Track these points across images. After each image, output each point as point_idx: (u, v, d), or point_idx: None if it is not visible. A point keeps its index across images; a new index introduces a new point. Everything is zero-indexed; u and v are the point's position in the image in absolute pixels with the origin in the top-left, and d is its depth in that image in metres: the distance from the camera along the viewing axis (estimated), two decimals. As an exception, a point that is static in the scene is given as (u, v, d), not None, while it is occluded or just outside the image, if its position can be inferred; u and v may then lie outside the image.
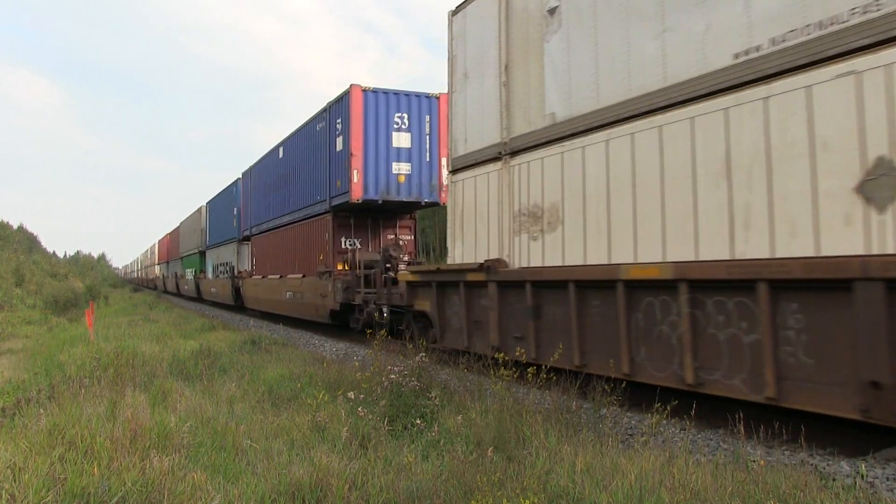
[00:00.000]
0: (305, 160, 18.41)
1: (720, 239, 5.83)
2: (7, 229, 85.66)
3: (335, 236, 16.18)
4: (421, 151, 15.46)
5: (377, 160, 14.95)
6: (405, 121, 15.28)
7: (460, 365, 7.89)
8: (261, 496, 4.11)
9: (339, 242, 16.28)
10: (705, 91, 6.02)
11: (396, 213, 16.93)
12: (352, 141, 14.73)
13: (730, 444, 5.73)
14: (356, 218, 16.52)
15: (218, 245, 30.92)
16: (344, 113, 15.35)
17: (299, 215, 18.82)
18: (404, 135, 15.30)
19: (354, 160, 14.70)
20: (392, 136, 15.18)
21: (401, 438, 5.66)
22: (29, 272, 39.38)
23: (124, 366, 8.65)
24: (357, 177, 14.67)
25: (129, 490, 4.05)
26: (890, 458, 5.16)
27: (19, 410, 6.33)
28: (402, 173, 15.22)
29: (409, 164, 15.33)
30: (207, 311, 28.10)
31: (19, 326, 19.97)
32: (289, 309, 19.39)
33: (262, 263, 23.03)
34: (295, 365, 9.65)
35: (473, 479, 4.18)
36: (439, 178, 15.42)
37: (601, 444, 5.08)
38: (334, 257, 15.97)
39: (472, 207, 9.58)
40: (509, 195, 8.71)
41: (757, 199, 5.50)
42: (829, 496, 3.94)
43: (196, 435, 5.50)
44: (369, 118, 14.92)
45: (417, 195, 15.51)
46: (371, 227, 16.82)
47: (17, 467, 4.38)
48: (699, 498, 3.90)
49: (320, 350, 13.13)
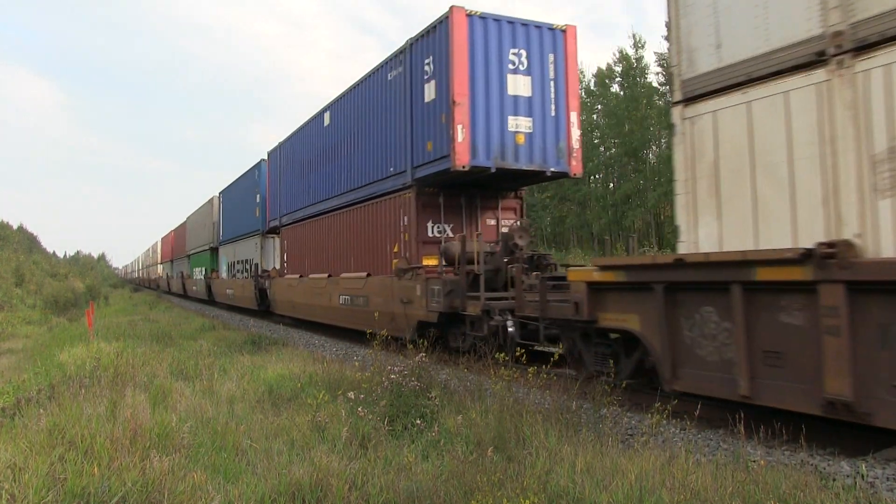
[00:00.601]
0: (368, 123, 14.14)
1: None
2: (7, 229, 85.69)
3: (419, 220, 12.12)
4: (544, 102, 11.50)
5: (488, 112, 11.01)
6: (523, 60, 11.32)
7: (460, 365, 7.88)
8: (261, 496, 4.11)
9: (425, 229, 12.22)
10: None
11: (499, 189, 12.94)
12: (454, 85, 10.69)
13: (730, 444, 5.73)
14: (447, 196, 12.38)
15: (235, 240, 26.98)
16: (439, 48, 11.23)
17: (358, 196, 14.68)
18: (523, 79, 11.31)
19: (459, 111, 10.67)
20: (507, 81, 11.20)
21: (401, 438, 5.65)
22: (29, 272, 39.40)
23: (124, 366, 8.66)
24: (462, 134, 10.64)
25: (129, 490, 4.05)
26: (890, 458, 5.16)
27: (19, 410, 6.34)
28: (520, 131, 11.21)
29: (530, 120, 11.34)
30: (217, 314, 28.02)
31: (19, 326, 19.99)
32: (344, 318, 14.98)
33: (298, 260, 19.15)
34: (295, 365, 9.65)
35: (473, 479, 4.18)
36: (568, 140, 11.64)
37: (601, 444, 5.08)
38: (419, 249, 12.02)
39: (745, 155, 5.93)
40: (856, 126, 5.14)
41: None
42: (829, 496, 3.94)
43: (196, 435, 5.50)
44: (477, 54, 10.96)
45: (541, 162, 11.43)
46: (466, 208, 12.70)
47: (17, 467, 4.39)
48: (699, 498, 3.90)
49: (320, 350, 13.13)
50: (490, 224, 12.80)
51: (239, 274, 25.85)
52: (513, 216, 13.04)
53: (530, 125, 11.33)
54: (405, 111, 12.33)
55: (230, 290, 26.80)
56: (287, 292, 19.37)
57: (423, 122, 11.71)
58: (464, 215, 12.61)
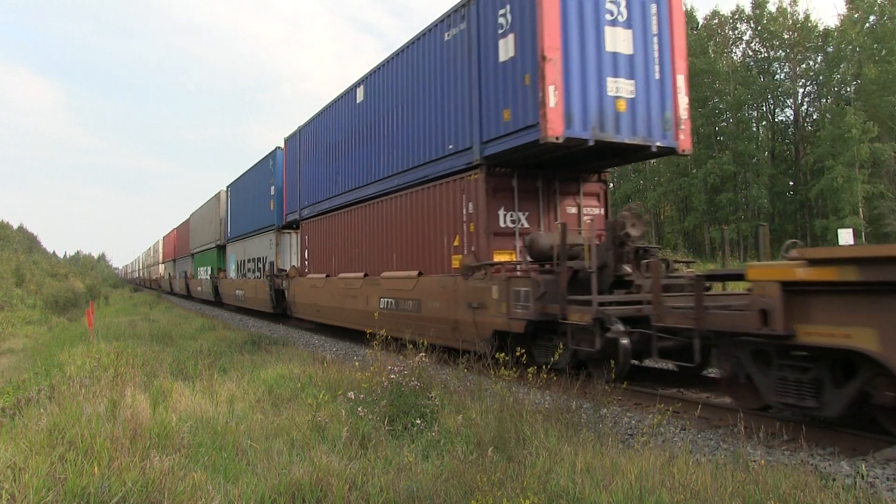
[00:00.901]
0: (417, 94, 12.06)
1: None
2: (7, 229, 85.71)
3: (490, 207, 10.08)
4: (647, 62, 9.44)
5: (584, 72, 8.94)
6: (622, 9, 9.29)
7: (460, 365, 7.87)
8: (261, 496, 4.11)
9: (496, 218, 10.16)
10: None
11: (580, 171, 10.88)
12: (544, 36, 8.70)
13: (730, 444, 5.73)
14: (521, 178, 10.38)
15: (245, 236, 24.93)
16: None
17: (404, 181, 12.49)
18: (623, 33, 9.28)
19: (550, 68, 8.57)
20: (605, 34, 9.15)
21: (401, 438, 5.65)
22: (29, 272, 39.38)
23: (124, 366, 8.65)
24: (555, 97, 8.58)
25: (129, 490, 4.05)
26: (890, 458, 5.16)
27: (19, 410, 6.33)
28: (621, 96, 9.17)
29: (632, 83, 9.28)
30: (217, 314, 27.99)
31: (19, 326, 19.99)
32: (386, 324, 11.23)
33: (323, 257, 17.14)
34: (295, 365, 9.65)
35: (473, 479, 4.18)
36: (675, 108, 9.57)
37: (601, 444, 5.08)
38: (489, 242, 10.01)
39: None
40: None
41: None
42: (829, 496, 3.94)
43: (196, 435, 5.50)
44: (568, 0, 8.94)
45: (646, 135, 9.30)
46: (544, 193, 10.63)
47: (17, 467, 4.39)
48: (699, 498, 3.90)
49: (320, 350, 13.12)
50: (570, 212, 10.75)
51: (250, 273, 23.88)
52: (595, 204, 11.07)
53: (632, 89, 9.26)
54: (470, 75, 10.35)
55: (240, 292, 24.97)
56: (310, 294, 17.33)
57: (496, 87, 9.72)
58: (540, 201, 10.55)
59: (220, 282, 28.78)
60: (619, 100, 9.14)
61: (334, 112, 16.48)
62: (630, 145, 9.28)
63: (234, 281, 26.31)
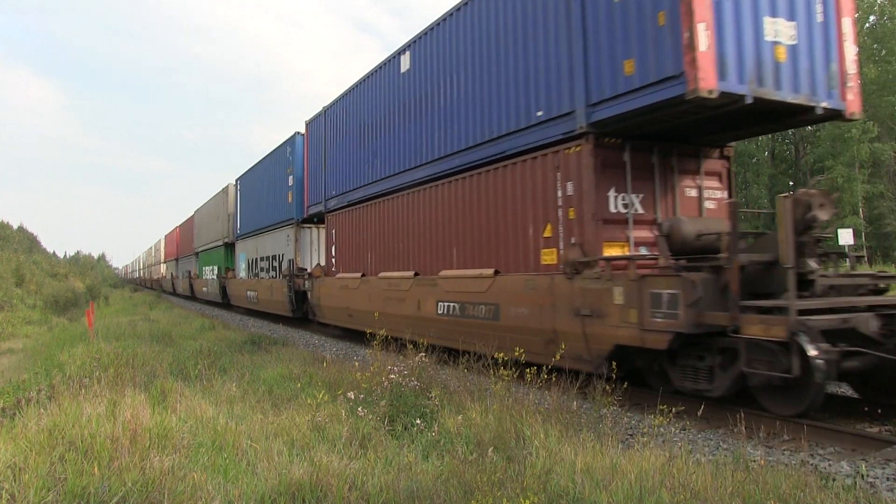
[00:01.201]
0: (490, 52, 9.95)
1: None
2: (7, 229, 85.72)
3: (598, 188, 8.08)
4: (809, 0, 7.54)
5: (737, 8, 6.99)
6: None
7: (460, 365, 7.87)
8: (261, 496, 4.11)
9: (605, 201, 8.19)
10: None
11: (699, 144, 8.92)
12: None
13: (730, 444, 5.73)
14: (634, 152, 8.40)
15: (258, 233, 22.77)
16: None
17: (470, 159, 10.46)
18: None
19: (699, 3, 6.63)
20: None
21: (401, 438, 5.66)
22: (29, 272, 39.37)
23: (124, 366, 8.65)
24: (706, 39, 6.64)
25: (129, 490, 4.05)
26: (890, 458, 5.17)
27: (19, 410, 6.33)
28: (781, 42, 7.26)
29: (793, 25, 7.37)
30: (217, 314, 27.97)
31: (19, 326, 19.98)
32: (448, 333, 10.61)
33: (355, 254, 14.97)
34: (295, 365, 9.65)
35: (473, 479, 4.19)
36: (840, 60, 7.69)
37: (601, 444, 5.08)
38: (597, 232, 8.02)
39: None
40: None
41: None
42: (829, 496, 3.94)
43: (196, 435, 5.49)
44: None
45: (809, 92, 7.41)
46: (660, 170, 8.63)
47: (17, 467, 4.39)
48: (699, 498, 3.90)
49: (320, 350, 13.12)
50: (689, 195, 8.78)
51: (263, 273, 21.69)
52: (717, 185, 9.07)
53: (793, 33, 7.33)
54: (569, 22, 8.31)
55: (252, 293, 22.72)
56: (340, 297, 15.11)
57: (610, 33, 7.69)
58: (656, 181, 8.57)
59: (228, 282, 26.76)
60: (779, 46, 7.24)
61: (370, 86, 14.20)
62: (791, 105, 7.36)
63: (244, 281, 24.15)
